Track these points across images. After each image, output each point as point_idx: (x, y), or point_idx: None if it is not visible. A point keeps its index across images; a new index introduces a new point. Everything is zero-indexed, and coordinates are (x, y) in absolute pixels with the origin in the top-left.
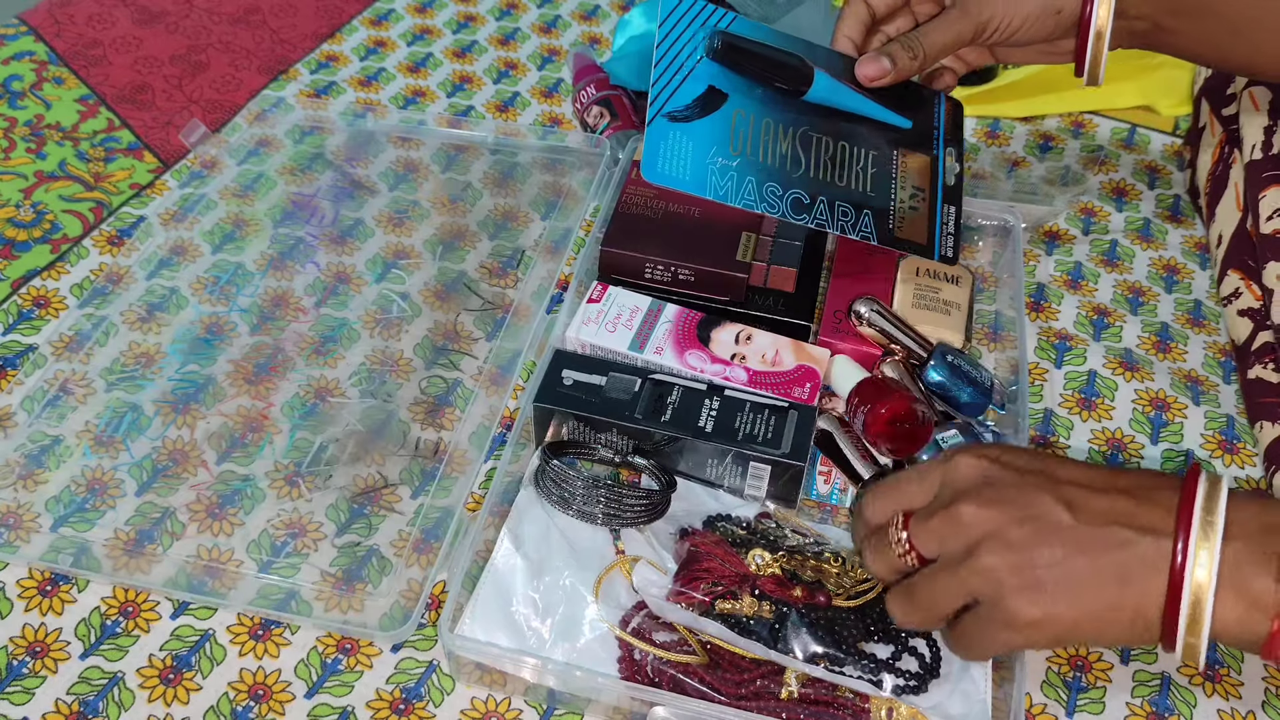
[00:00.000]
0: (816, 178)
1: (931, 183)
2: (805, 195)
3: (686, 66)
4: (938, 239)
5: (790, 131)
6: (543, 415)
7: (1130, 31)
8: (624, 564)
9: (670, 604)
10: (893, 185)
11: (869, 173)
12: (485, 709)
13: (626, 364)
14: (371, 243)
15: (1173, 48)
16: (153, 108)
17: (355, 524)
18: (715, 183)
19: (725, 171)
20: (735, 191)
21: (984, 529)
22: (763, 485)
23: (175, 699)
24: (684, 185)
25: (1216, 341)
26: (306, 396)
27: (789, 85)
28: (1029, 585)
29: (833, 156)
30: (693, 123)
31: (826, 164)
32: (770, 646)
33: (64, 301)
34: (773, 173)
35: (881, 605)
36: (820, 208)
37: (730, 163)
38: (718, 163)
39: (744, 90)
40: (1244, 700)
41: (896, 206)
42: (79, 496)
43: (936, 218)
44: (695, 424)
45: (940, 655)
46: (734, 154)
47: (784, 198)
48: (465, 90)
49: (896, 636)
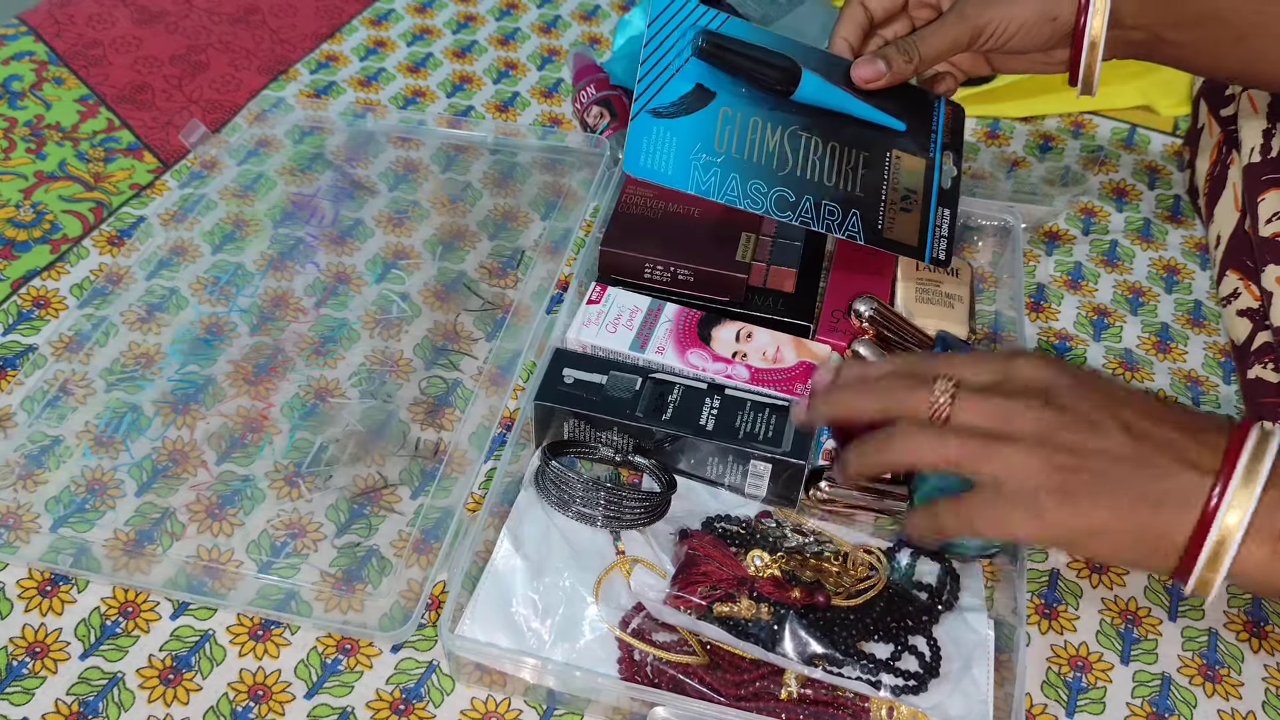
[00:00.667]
0: (804, 176)
1: (926, 185)
2: (790, 193)
3: (675, 65)
4: (929, 241)
5: (779, 130)
6: (543, 414)
7: (1126, 41)
8: (624, 565)
9: (668, 608)
10: (884, 186)
11: (859, 173)
12: (485, 709)
13: (628, 363)
14: (371, 243)
15: (1171, 58)
16: (153, 108)
17: (355, 524)
18: (698, 178)
19: (709, 167)
20: (718, 187)
21: (1034, 428)
22: (763, 484)
23: (175, 699)
24: (665, 179)
25: (1216, 342)
26: (306, 397)
27: (776, 85)
28: (1065, 485)
29: (822, 156)
30: (678, 119)
31: (815, 163)
32: (769, 649)
33: (64, 302)
34: (758, 170)
35: (881, 605)
36: (806, 205)
37: (715, 159)
38: (702, 158)
39: (732, 89)
40: (1244, 700)
41: (887, 207)
42: (79, 497)
43: (929, 220)
44: (696, 422)
45: (940, 655)
46: (719, 150)
47: (768, 195)
48: (465, 90)
49: (896, 636)
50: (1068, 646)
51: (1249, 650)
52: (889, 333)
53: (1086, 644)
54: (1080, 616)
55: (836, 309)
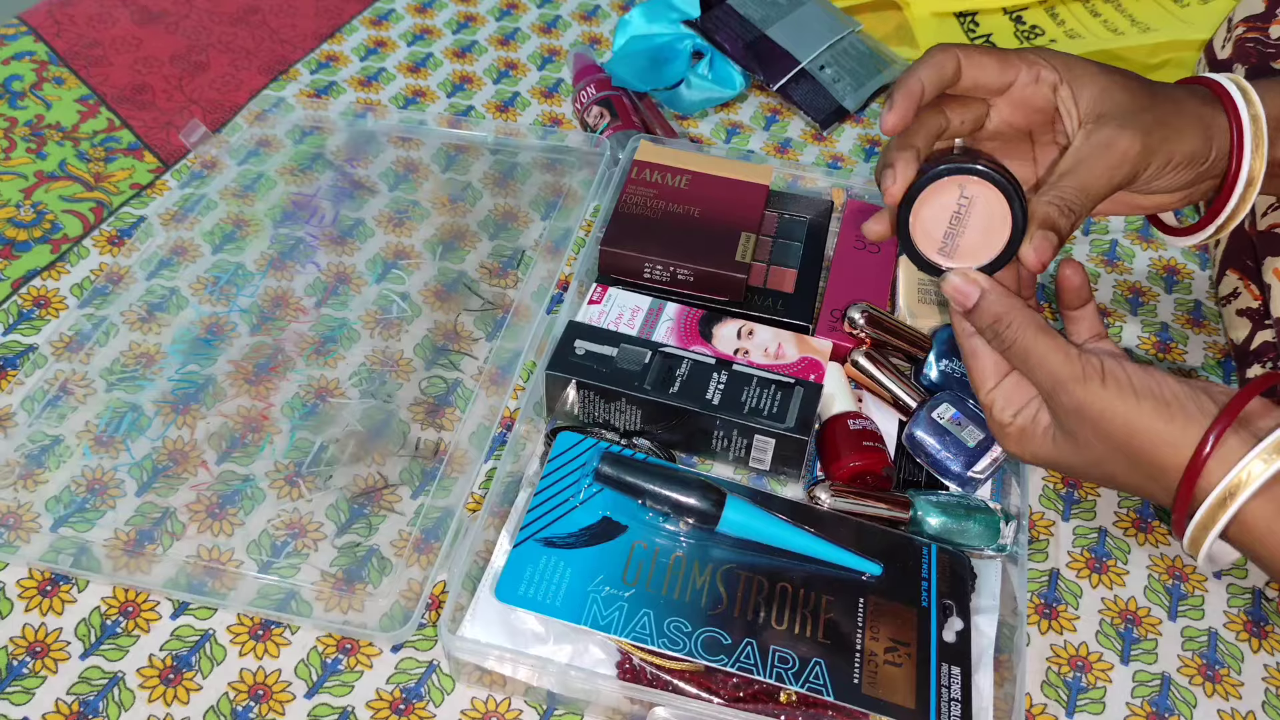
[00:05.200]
0: (744, 618)
1: (919, 639)
2: (725, 636)
3: (579, 496)
4: (933, 705)
5: (709, 568)
6: (555, 384)
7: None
8: None
9: None
10: (859, 635)
11: (820, 618)
12: (485, 709)
13: (640, 338)
14: (371, 243)
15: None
16: (153, 108)
17: (355, 524)
18: (596, 612)
19: (613, 601)
20: (622, 623)
21: None
22: (767, 458)
23: (175, 699)
24: (550, 611)
25: (1217, 342)
26: (306, 396)
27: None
28: None
29: (767, 597)
30: (576, 550)
31: (759, 604)
32: None
33: (64, 301)
34: (681, 608)
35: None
36: (747, 651)
37: (621, 592)
38: (604, 591)
39: (648, 521)
40: (1244, 700)
41: (864, 660)
42: (79, 496)
43: (931, 679)
44: (703, 396)
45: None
46: (628, 584)
47: (693, 636)
48: (465, 90)
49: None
50: (1067, 646)
51: (1249, 650)
52: (884, 334)
53: (1086, 644)
54: (1080, 616)
55: (836, 309)
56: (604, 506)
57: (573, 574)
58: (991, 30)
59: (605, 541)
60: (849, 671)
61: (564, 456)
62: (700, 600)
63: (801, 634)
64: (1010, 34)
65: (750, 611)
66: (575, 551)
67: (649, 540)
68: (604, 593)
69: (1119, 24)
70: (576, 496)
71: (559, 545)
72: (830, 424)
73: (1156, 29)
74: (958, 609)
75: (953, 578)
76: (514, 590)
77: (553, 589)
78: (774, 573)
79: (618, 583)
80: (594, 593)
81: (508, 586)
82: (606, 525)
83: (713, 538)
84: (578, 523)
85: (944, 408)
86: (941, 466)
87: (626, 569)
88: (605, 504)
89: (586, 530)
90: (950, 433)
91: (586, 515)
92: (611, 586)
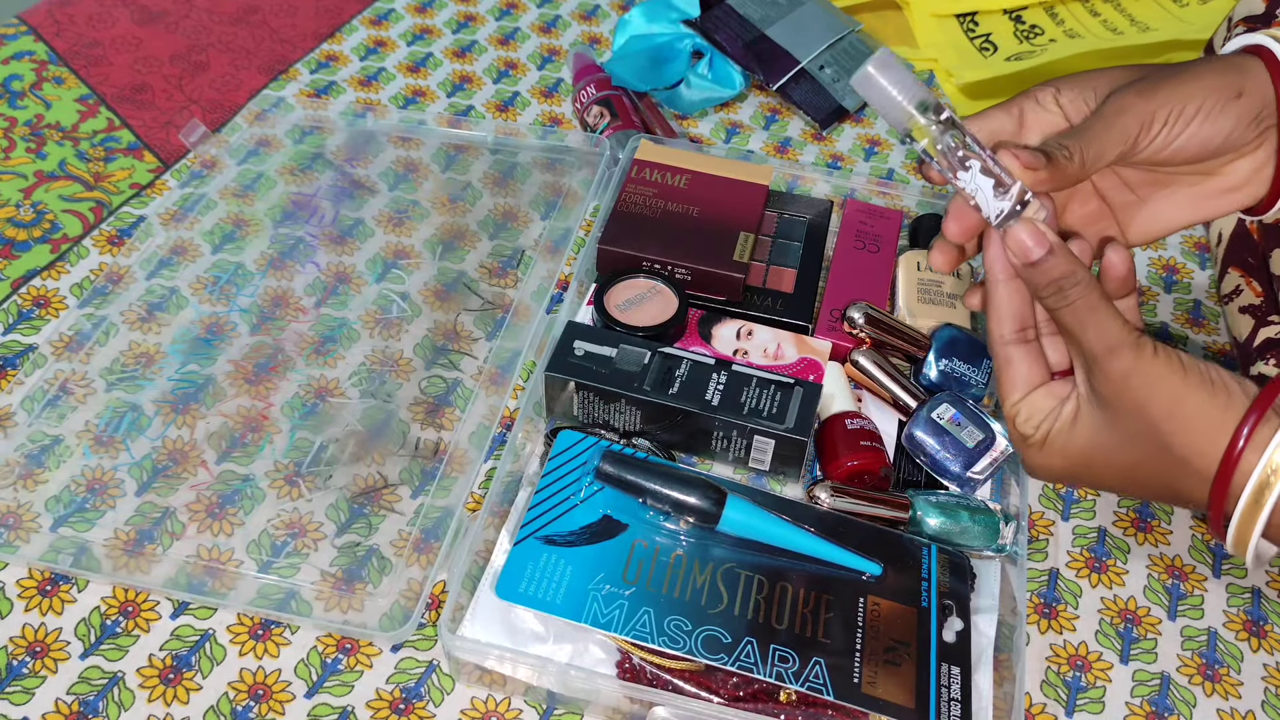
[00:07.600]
0: (743, 617)
1: (919, 639)
2: (725, 634)
3: (579, 495)
4: (932, 705)
5: (709, 567)
6: (554, 385)
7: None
8: None
9: None
10: (859, 635)
11: (820, 617)
12: (485, 709)
13: (639, 339)
14: (371, 243)
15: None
16: (153, 108)
17: (355, 524)
18: (596, 609)
19: (613, 599)
20: (622, 621)
21: None
22: (767, 459)
23: (175, 699)
24: (551, 609)
25: (1217, 341)
26: (306, 396)
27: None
28: None
29: (767, 596)
30: (576, 548)
31: (759, 603)
32: None
33: (64, 301)
34: (681, 606)
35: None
36: (747, 650)
37: (621, 590)
38: (604, 589)
39: (648, 520)
40: (1244, 700)
41: (864, 660)
42: (79, 496)
43: (930, 679)
44: (702, 397)
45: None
46: (628, 582)
47: (693, 634)
48: (465, 90)
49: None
50: (1067, 646)
51: (1248, 650)
52: (884, 334)
53: (1086, 643)
54: (1080, 616)
55: (835, 309)
56: (605, 505)
57: (573, 572)
58: (991, 30)
59: (606, 540)
60: (849, 671)
61: (564, 455)
62: (700, 599)
63: (801, 633)
64: (1010, 34)
65: (750, 611)
66: (576, 550)
67: (649, 539)
68: (604, 591)
69: (1119, 24)
70: (577, 495)
71: (560, 543)
72: (828, 424)
73: (1156, 29)
74: (957, 609)
75: (952, 578)
76: (514, 588)
77: (553, 587)
78: (774, 572)
79: (618, 581)
80: (594, 591)
81: (508, 584)
82: (607, 524)
83: (713, 537)
84: (578, 521)
85: (943, 408)
86: (941, 467)
87: (627, 567)
88: (606, 502)
89: (587, 528)
90: (949, 433)
91: (587, 514)
92: (612, 585)
